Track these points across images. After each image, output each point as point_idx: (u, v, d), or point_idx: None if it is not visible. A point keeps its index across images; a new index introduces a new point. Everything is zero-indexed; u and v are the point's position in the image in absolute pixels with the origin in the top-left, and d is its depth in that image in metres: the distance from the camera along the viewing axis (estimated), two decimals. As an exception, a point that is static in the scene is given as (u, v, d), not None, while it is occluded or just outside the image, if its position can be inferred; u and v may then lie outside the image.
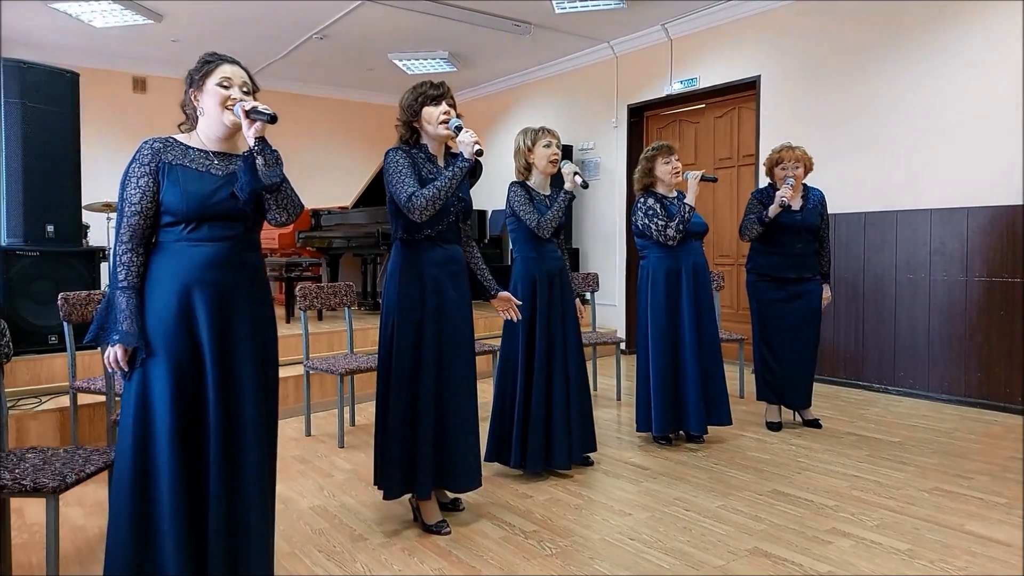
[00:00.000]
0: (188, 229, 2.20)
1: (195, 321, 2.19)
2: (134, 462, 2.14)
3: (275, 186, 2.25)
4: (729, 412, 4.29)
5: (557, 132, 3.88)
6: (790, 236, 4.51)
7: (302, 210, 2.42)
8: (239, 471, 2.22)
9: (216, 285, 2.21)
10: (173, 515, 2.12)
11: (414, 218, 2.90)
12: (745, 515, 3.24)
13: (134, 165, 2.20)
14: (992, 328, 5.17)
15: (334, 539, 3.04)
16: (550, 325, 3.78)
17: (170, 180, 2.18)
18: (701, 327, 4.23)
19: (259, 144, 2.22)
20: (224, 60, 2.30)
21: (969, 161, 5.26)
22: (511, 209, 3.79)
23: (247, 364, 2.25)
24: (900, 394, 5.63)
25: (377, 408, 3.09)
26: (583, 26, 7.39)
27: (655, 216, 4.20)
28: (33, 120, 4.69)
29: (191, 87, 2.30)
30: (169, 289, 2.18)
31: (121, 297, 2.16)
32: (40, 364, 4.61)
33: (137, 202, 2.18)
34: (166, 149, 2.23)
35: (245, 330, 2.27)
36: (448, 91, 3.06)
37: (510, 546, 2.95)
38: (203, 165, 2.25)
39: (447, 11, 6.79)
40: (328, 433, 4.72)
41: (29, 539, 3.09)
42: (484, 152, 2.94)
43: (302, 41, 7.83)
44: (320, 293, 4.77)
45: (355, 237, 7.31)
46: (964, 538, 2.98)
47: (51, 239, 4.79)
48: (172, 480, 2.12)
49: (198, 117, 2.31)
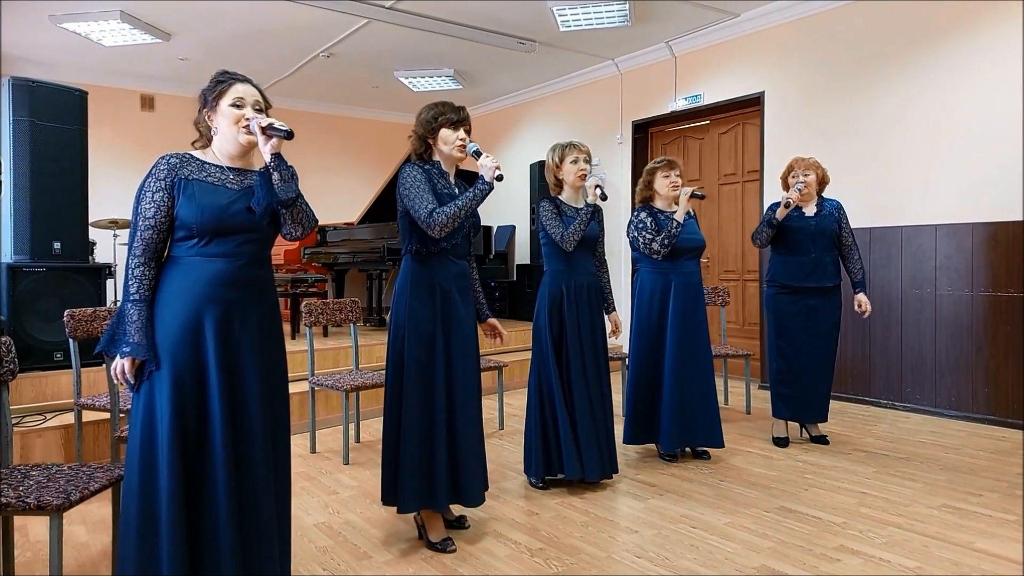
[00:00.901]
0: (202, 243, 2.22)
1: (203, 338, 2.20)
2: (140, 475, 2.15)
3: (291, 201, 2.28)
4: (720, 434, 4.24)
5: (586, 146, 3.90)
6: (805, 240, 4.51)
7: (316, 224, 2.44)
8: (248, 491, 2.23)
9: (226, 302, 2.23)
10: (171, 532, 2.11)
11: (433, 234, 2.94)
12: (752, 532, 3.22)
13: (150, 180, 2.22)
14: (999, 343, 5.14)
15: (339, 556, 3.02)
16: (580, 338, 3.80)
17: (186, 195, 2.20)
18: (686, 347, 4.21)
19: (275, 160, 2.25)
20: (236, 79, 2.33)
21: (973, 176, 5.25)
22: (541, 224, 3.83)
23: (254, 382, 2.26)
24: (907, 410, 5.60)
25: (385, 423, 3.08)
26: (588, 44, 7.43)
27: (644, 230, 4.24)
28: (41, 138, 4.72)
29: (204, 107, 2.32)
30: (179, 304, 2.20)
31: (132, 309, 2.18)
32: (45, 381, 4.61)
33: (152, 216, 2.19)
34: (183, 165, 2.24)
35: (253, 348, 2.28)
36: (467, 118, 3.12)
37: (516, 564, 2.93)
38: (219, 179, 2.27)
39: (453, 29, 6.83)
40: (333, 450, 4.71)
41: (33, 557, 3.08)
42: (503, 178, 2.96)
43: (309, 59, 7.89)
44: (325, 309, 4.77)
45: (361, 253, 7.32)
46: (974, 555, 2.95)
47: (57, 256, 4.81)
48: (171, 495, 2.12)
49: (212, 136, 2.33)
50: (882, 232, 5.79)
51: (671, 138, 7.87)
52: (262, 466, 2.25)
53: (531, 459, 3.84)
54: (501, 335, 3.42)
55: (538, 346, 3.85)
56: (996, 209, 5.14)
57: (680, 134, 7.78)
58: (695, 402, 4.20)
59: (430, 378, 3.02)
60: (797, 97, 6.40)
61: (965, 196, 5.30)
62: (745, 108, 7.00)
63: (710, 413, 4.23)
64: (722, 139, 7.37)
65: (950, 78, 5.38)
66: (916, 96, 5.58)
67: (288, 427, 2.44)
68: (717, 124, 7.40)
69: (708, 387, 4.24)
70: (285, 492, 2.41)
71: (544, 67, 8.32)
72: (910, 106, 5.61)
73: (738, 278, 7.23)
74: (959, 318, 5.36)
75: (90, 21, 6.43)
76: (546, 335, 3.76)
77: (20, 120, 4.65)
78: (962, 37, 5.31)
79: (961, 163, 5.32)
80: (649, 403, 4.27)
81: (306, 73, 8.45)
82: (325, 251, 7.91)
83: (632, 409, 4.30)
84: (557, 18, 6.48)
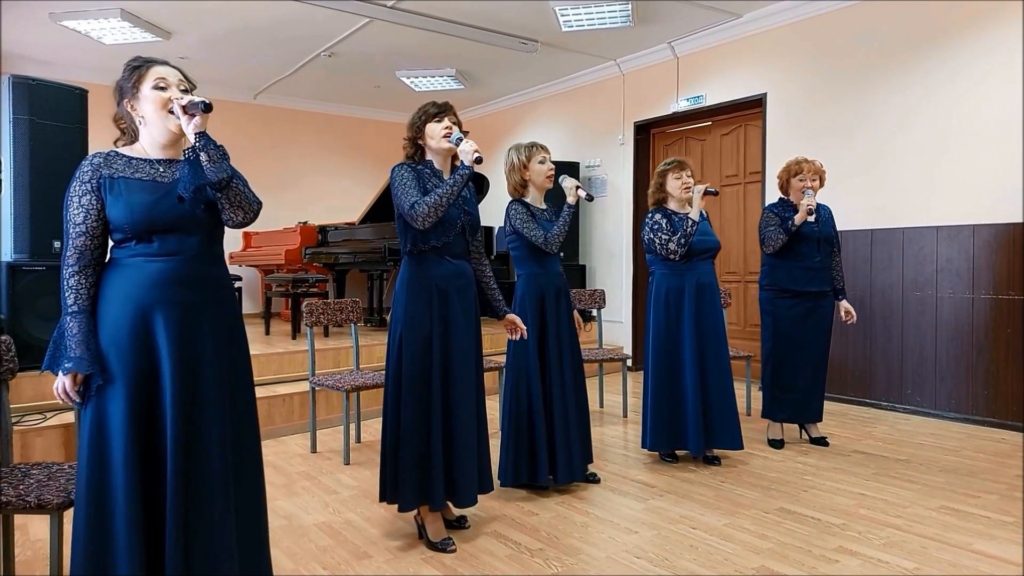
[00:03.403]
0: (140, 243, 2.10)
1: (154, 341, 2.09)
2: (89, 488, 2.05)
3: (224, 183, 2.10)
4: (740, 436, 4.20)
5: (547, 146, 3.92)
6: (810, 247, 4.52)
7: (260, 207, 2.24)
8: (203, 499, 2.11)
9: (177, 303, 2.11)
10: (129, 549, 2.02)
11: (417, 226, 2.94)
12: (752, 533, 3.22)
13: (75, 184, 2.10)
14: (999, 346, 5.14)
15: (339, 556, 3.03)
16: (560, 339, 3.80)
17: (113, 194, 2.08)
18: (706, 348, 4.19)
19: (201, 139, 2.07)
20: (154, 62, 2.19)
21: (974, 178, 5.25)
22: (512, 227, 3.80)
23: (212, 384, 2.15)
24: (907, 412, 5.60)
25: (385, 422, 3.09)
26: (590, 44, 7.43)
27: (659, 231, 4.20)
28: (41, 136, 4.71)
29: (124, 97, 2.17)
30: (124, 308, 2.08)
31: (72, 322, 2.07)
32: (45, 380, 4.60)
33: (81, 222, 2.09)
34: (107, 163, 2.12)
35: (209, 349, 2.16)
36: (450, 109, 3.15)
37: (516, 564, 2.93)
38: (147, 174, 2.14)
39: (454, 29, 6.83)
40: (333, 450, 4.71)
41: (32, 556, 3.08)
42: (484, 160, 2.97)
43: (310, 58, 7.89)
44: (326, 309, 4.77)
45: (361, 253, 7.32)
46: (972, 557, 2.95)
47: (57, 254, 4.80)
48: (128, 508, 2.02)
49: (137, 128, 2.20)
50: (883, 234, 5.79)
51: (673, 139, 7.87)
52: (219, 474, 2.13)
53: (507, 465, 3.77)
54: (522, 330, 3.43)
55: (518, 354, 3.79)
56: (997, 211, 5.14)
57: (682, 135, 7.78)
58: (717, 404, 4.18)
59: (427, 378, 3.03)
60: (799, 99, 6.40)
61: (966, 198, 5.30)
62: (747, 109, 7.00)
63: (731, 415, 4.19)
64: (724, 140, 7.37)
65: (952, 80, 5.38)
66: (918, 98, 5.58)
67: (256, 430, 2.32)
68: (719, 125, 7.40)
69: (728, 388, 4.22)
70: (256, 495, 2.30)
71: (546, 67, 8.31)
72: (912, 108, 5.61)
73: (740, 279, 7.23)
74: (960, 320, 5.36)
75: (90, 19, 6.43)
76: (528, 343, 3.68)
77: (20, 118, 4.65)
78: (965, 39, 5.31)
79: (963, 165, 5.32)
80: (673, 407, 4.20)
81: (307, 72, 8.45)
82: (326, 251, 7.91)
83: (655, 414, 4.20)
84: (559, 18, 6.48)
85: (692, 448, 4.18)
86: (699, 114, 7.40)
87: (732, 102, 6.97)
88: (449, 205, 2.95)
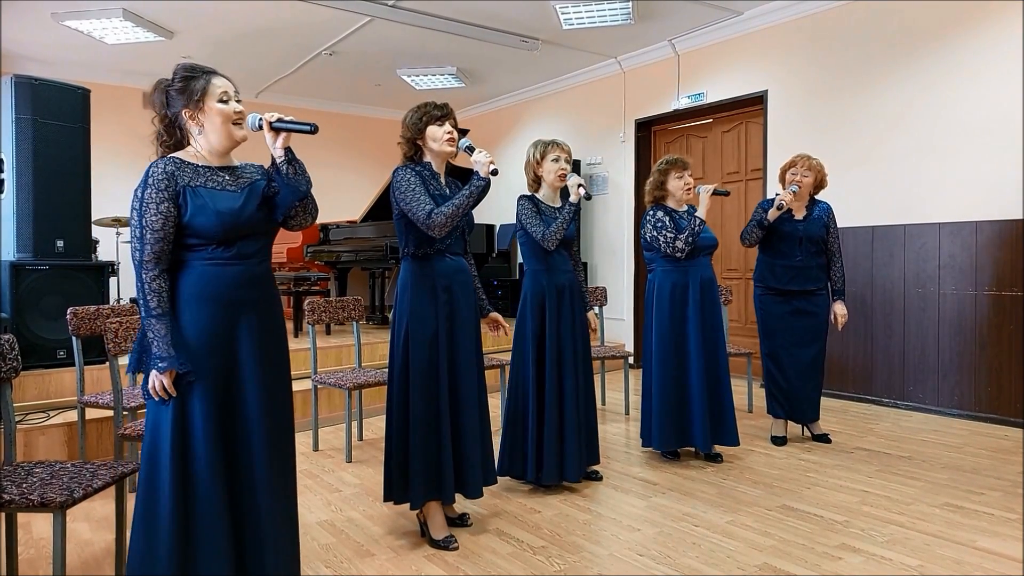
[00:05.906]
0: (219, 248, 2.20)
1: (236, 340, 2.22)
2: (173, 486, 2.13)
3: (307, 192, 2.32)
4: (736, 433, 4.21)
5: (567, 145, 3.89)
6: (790, 245, 4.49)
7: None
8: (279, 484, 2.29)
9: (254, 303, 2.26)
10: (216, 542, 2.15)
11: (433, 234, 2.95)
12: (754, 531, 3.22)
13: (150, 191, 2.13)
14: (1002, 342, 5.14)
15: (341, 554, 3.03)
16: (560, 338, 3.77)
17: (196, 204, 2.15)
18: (708, 343, 4.19)
19: (289, 154, 2.28)
20: (212, 73, 2.27)
21: (976, 174, 5.25)
22: (520, 222, 3.81)
23: (280, 376, 2.33)
24: (910, 408, 5.60)
25: (389, 420, 3.09)
26: (591, 42, 7.42)
27: (664, 228, 4.18)
28: (44, 136, 4.73)
29: (185, 107, 2.23)
30: (207, 309, 2.19)
31: (159, 324, 2.14)
32: (48, 379, 4.62)
33: (160, 228, 2.13)
34: (179, 171, 2.18)
35: (272, 345, 2.31)
36: (451, 112, 3.14)
37: (518, 562, 2.93)
38: (218, 183, 2.23)
39: (455, 27, 6.83)
40: (336, 448, 4.72)
41: (36, 554, 3.09)
42: (499, 172, 2.96)
43: (311, 57, 7.89)
44: (328, 307, 4.78)
45: (363, 251, 7.32)
46: (975, 554, 2.95)
47: (60, 253, 4.82)
48: (213, 503, 2.15)
49: (187, 135, 2.27)
50: (885, 230, 5.79)
51: (674, 136, 7.86)
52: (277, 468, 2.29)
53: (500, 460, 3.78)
54: (504, 327, 3.47)
55: (519, 350, 3.81)
56: (1000, 207, 5.13)
57: (683, 132, 7.77)
58: (722, 401, 4.19)
59: (435, 377, 3.04)
60: (800, 95, 6.39)
61: (969, 194, 5.29)
62: (748, 107, 6.99)
63: (728, 411, 4.20)
64: (725, 137, 7.36)
65: (954, 76, 5.37)
66: (920, 94, 5.57)
67: (292, 424, 2.43)
68: (720, 122, 7.40)
69: (725, 384, 4.23)
70: (294, 492, 2.42)
71: (547, 65, 8.31)
72: (913, 104, 5.61)
73: (740, 276, 7.22)
74: (962, 317, 5.35)
75: (92, 19, 6.43)
76: (530, 337, 3.71)
77: (23, 118, 4.66)
78: (966, 35, 5.30)
79: (965, 161, 5.31)
80: (680, 405, 4.18)
81: (309, 71, 8.45)
82: (328, 249, 7.91)
83: (661, 413, 4.17)
84: (560, 16, 6.48)
85: (700, 445, 4.17)
86: (700, 111, 7.39)
87: (733, 99, 6.97)
88: (465, 215, 2.98)
